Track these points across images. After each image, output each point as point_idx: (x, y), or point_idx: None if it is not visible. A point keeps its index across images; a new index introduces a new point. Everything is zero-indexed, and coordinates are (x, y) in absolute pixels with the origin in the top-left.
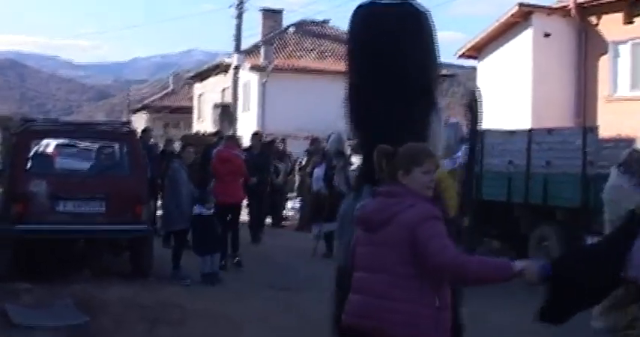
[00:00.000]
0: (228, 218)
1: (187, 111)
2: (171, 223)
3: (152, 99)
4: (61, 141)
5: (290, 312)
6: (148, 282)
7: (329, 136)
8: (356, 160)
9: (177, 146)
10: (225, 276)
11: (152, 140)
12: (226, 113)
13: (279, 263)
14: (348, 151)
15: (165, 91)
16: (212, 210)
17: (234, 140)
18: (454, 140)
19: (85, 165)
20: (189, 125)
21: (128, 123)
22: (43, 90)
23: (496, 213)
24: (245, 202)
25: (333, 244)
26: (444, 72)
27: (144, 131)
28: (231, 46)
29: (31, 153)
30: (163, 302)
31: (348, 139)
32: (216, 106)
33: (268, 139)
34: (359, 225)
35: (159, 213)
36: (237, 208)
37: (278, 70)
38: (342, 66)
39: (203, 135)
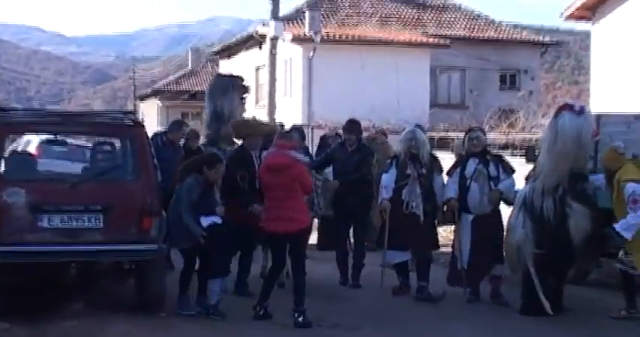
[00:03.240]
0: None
1: None
2: (177, 239)
3: (165, 81)
4: (45, 137)
5: None
6: (160, 318)
7: (404, 132)
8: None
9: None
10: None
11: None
12: (236, 86)
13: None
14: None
15: (182, 72)
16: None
17: (287, 136)
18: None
19: (77, 168)
20: None
21: (133, 112)
22: (24, 71)
23: None
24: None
25: (407, 276)
26: (546, 39)
27: (189, 135)
28: (266, 12)
29: (6, 153)
30: None
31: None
32: (219, 76)
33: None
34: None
35: None
36: (297, 237)
37: (328, 41)
38: (411, 34)
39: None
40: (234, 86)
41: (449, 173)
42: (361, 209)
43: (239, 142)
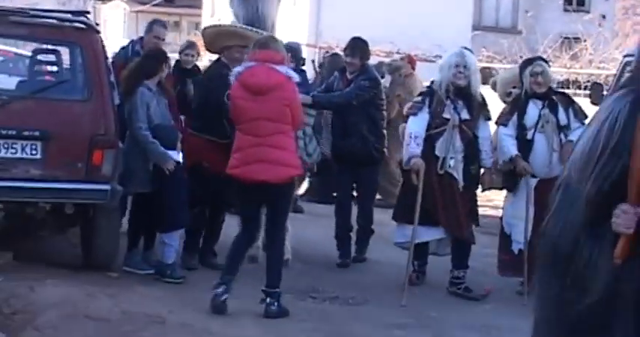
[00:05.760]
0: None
1: (191, 3)
2: (131, 181)
3: None
4: None
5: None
6: (109, 279)
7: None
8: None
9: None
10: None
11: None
12: None
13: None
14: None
15: None
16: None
17: (275, 44)
18: None
19: (10, 82)
20: (195, 26)
21: (85, 14)
22: None
23: None
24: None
25: (425, 261)
26: None
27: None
28: None
29: None
30: (130, 311)
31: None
32: None
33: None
34: None
35: None
36: (282, 190)
37: None
38: None
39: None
40: None
41: (500, 122)
42: (362, 155)
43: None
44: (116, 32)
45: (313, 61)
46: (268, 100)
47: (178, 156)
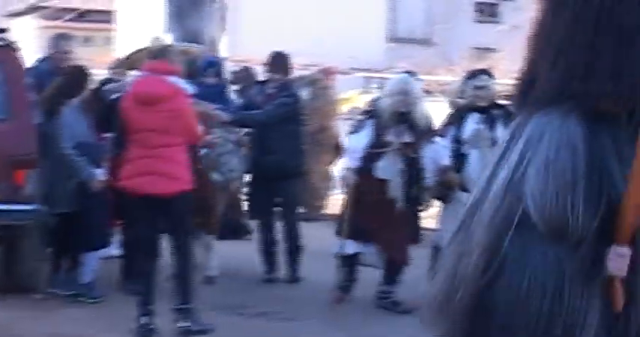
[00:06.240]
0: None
1: (104, 18)
2: (54, 201)
3: None
4: None
5: None
6: (33, 301)
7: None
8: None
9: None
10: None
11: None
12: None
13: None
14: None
15: None
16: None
17: (167, 54)
18: None
19: None
20: (109, 42)
21: (4, 31)
22: None
23: None
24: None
25: (353, 272)
26: None
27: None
28: None
29: None
30: (55, 333)
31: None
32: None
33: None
34: None
35: None
36: (177, 203)
37: None
38: None
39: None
40: None
41: (439, 132)
42: (282, 170)
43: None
44: (26, 49)
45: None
46: (157, 112)
47: (101, 175)
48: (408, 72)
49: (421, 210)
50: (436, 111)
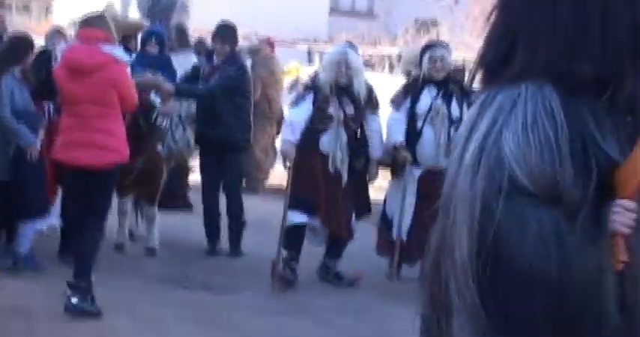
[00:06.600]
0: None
1: None
2: None
3: None
4: None
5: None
6: None
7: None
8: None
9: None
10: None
11: None
12: None
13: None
14: None
15: None
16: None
17: (99, 22)
18: None
19: None
20: (48, 9)
21: None
22: None
23: None
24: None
25: (298, 250)
26: None
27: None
28: None
29: None
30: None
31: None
32: None
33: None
34: None
35: None
36: (106, 176)
37: None
38: None
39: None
40: None
41: (394, 102)
42: (228, 143)
43: None
44: None
45: None
46: (91, 82)
47: (39, 144)
48: (349, 44)
49: (368, 182)
50: (378, 83)
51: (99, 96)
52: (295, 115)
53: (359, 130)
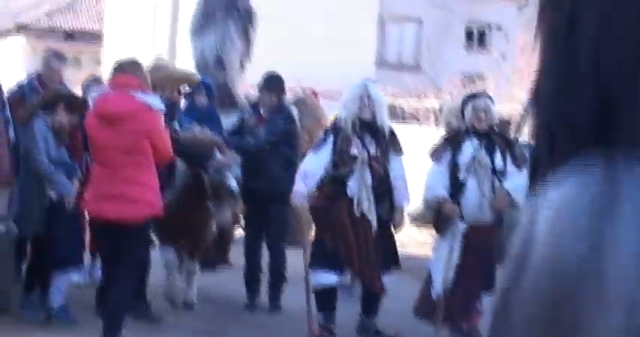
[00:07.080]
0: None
1: (94, 38)
2: (28, 221)
3: (34, 15)
4: None
5: None
6: (4, 323)
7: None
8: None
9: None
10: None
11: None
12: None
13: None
14: None
15: (57, 5)
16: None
17: (133, 68)
18: None
19: None
20: (98, 62)
21: None
22: None
23: None
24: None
25: (333, 309)
26: None
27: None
28: None
29: None
30: None
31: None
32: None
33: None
34: None
35: None
36: (136, 230)
37: None
38: None
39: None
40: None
41: (434, 155)
42: (274, 196)
43: None
44: (14, 68)
45: None
46: (122, 130)
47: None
48: (369, 79)
49: (395, 231)
50: (423, 136)
51: (130, 145)
52: (311, 164)
53: (383, 173)
